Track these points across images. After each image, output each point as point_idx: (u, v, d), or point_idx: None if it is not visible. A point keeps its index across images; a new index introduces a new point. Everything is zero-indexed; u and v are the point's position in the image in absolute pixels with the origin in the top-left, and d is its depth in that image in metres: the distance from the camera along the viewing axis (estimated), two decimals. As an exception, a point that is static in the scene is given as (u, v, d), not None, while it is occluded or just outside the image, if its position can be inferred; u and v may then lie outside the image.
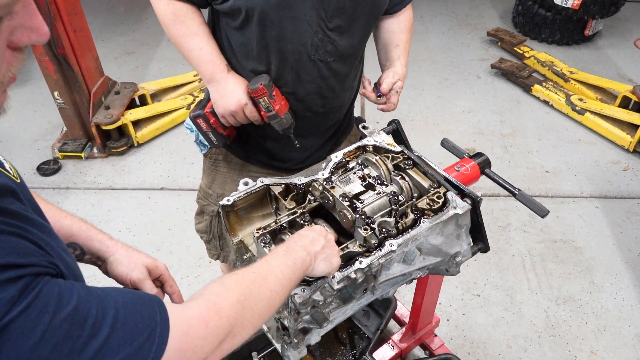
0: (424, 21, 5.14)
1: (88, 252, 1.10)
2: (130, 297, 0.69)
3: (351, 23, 1.50)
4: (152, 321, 0.69)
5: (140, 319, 0.67)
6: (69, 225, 1.08)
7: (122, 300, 0.67)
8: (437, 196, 1.28)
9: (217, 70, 1.48)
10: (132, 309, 0.67)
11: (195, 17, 1.48)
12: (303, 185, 1.29)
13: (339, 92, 1.63)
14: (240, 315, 0.83)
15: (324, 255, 1.05)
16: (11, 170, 0.78)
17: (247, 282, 0.87)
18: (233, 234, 1.31)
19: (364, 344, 2.11)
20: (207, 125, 1.56)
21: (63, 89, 3.24)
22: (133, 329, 0.66)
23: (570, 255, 2.79)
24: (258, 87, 1.44)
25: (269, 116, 1.48)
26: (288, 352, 1.27)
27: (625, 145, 3.49)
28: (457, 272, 1.37)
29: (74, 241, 1.08)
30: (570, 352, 2.35)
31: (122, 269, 1.11)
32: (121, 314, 0.65)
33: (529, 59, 4.29)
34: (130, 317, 0.66)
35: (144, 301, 0.70)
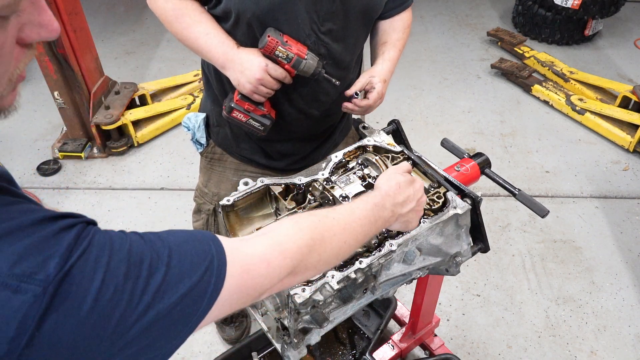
0: (424, 21, 5.14)
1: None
2: (182, 236, 0.69)
3: (344, 27, 1.48)
4: (207, 255, 0.69)
5: (195, 254, 0.68)
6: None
7: (174, 239, 0.68)
8: (437, 196, 1.28)
9: (228, 49, 1.43)
10: (185, 247, 0.67)
11: (196, 7, 1.46)
12: (303, 185, 1.29)
13: (334, 95, 1.60)
14: (306, 257, 0.82)
15: (406, 218, 1.07)
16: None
17: (322, 228, 0.86)
18: (233, 234, 1.31)
19: (364, 344, 2.11)
20: (245, 113, 1.49)
21: (63, 89, 3.24)
22: (189, 264, 0.66)
23: (570, 255, 2.79)
24: (267, 42, 1.37)
25: (294, 64, 1.40)
26: (288, 352, 1.27)
27: (625, 145, 3.49)
28: (457, 272, 1.37)
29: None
30: (570, 352, 2.35)
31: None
32: (175, 252, 0.66)
33: (529, 59, 4.29)
34: (184, 254, 0.67)
35: (197, 238, 0.71)
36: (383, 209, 1.00)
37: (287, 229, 0.83)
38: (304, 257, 0.82)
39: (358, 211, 0.95)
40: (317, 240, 0.84)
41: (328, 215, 0.89)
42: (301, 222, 0.85)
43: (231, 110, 1.49)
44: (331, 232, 0.87)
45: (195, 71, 4.07)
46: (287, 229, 0.83)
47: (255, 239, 0.80)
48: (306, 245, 0.82)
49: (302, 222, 0.85)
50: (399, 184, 1.06)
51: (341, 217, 0.91)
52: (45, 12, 0.62)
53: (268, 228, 0.83)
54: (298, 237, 0.82)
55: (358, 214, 0.94)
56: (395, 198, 1.04)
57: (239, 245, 0.75)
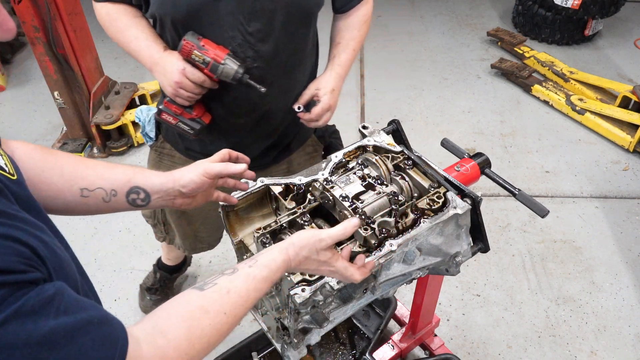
0: (424, 21, 5.14)
1: (152, 192, 1.08)
2: (97, 338, 0.66)
3: (271, 26, 1.43)
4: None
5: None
6: (122, 173, 1.07)
7: (88, 341, 0.65)
8: (437, 196, 1.28)
9: (154, 52, 1.43)
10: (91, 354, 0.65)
11: (128, 12, 1.47)
12: (303, 185, 1.29)
13: (271, 97, 1.54)
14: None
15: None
16: (7, 166, 0.77)
17: (212, 332, 0.82)
18: (233, 234, 1.31)
19: (364, 344, 2.11)
20: (173, 116, 1.50)
21: (63, 89, 3.24)
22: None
23: (570, 255, 2.79)
24: (182, 45, 1.36)
25: (211, 69, 1.38)
26: (288, 352, 1.27)
27: (625, 145, 3.49)
28: (457, 272, 1.37)
29: (134, 185, 1.06)
30: (570, 352, 2.35)
31: (190, 176, 1.10)
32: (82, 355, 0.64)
33: (529, 59, 4.29)
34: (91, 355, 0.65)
35: (108, 344, 0.68)
36: (278, 277, 0.95)
37: (180, 340, 0.78)
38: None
39: (253, 295, 0.89)
40: (204, 349, 0.81)
41: (220, 312, 0.84)
42: (194, 331, 0.80)
43: (160, 112, 1.51)
44: (219, 333, 0.84)
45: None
46: (180, 340, 0.78)
47: (148, 345, 0.75)
48: (192, 357, 0.79)
49: (195, 331, 0.80)
50: (308, 258, 0.99)
51: (233, 309, 0.86)
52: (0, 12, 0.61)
53: (160, 325, 0.79)
54: (187, 352, 0.79)
55: (253, 297, 0.89)
56: (294, 268, 0.99)
57: (136, 355, 0.72)
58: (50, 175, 1.00)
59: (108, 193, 1.04)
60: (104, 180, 1.04)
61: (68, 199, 1.02)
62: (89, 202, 1.03)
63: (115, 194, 1.05)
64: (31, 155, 1.00)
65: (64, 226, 3.02)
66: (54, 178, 1.00)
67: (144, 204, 1.09)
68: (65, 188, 1.01)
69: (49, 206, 1.02)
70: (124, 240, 2.89)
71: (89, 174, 1.03)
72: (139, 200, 1.07)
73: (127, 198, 1.06)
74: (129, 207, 1.08)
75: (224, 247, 2.81)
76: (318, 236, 1.00)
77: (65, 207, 1.03)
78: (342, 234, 1.02)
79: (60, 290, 0.65)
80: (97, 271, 2.72)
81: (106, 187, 1.04)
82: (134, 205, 1.08)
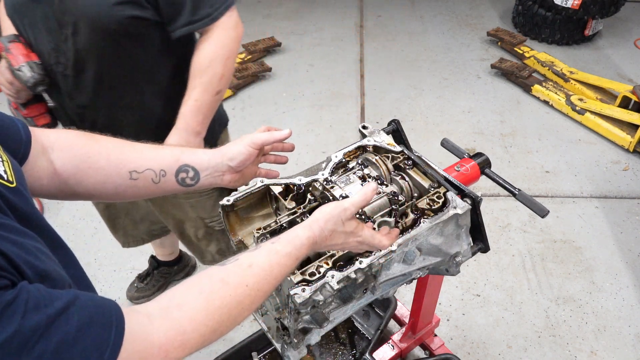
0: (424, 21, 5.14)
1: (201, 169, 1.07)
2: (85, 317, 0.64)
3: (77, 37, 1.37)
4: (104, 343, 0.65)
5: (91, 343, 0.64)
6: (170, 152, 1.07)
7: (74, 324, 0.63)
8: (437, 196, 1.28)
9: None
10: (81, 336, 0.63)
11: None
12: (303, 185, 1.29)
13: (103, 111, 1.51)
14: (207, 342, 0.78)
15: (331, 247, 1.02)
16: (6, 173, 0.75)
17: (232, 304, 0.80)
18: (233, 234, 1.31)
19: (364, 344, 2.11)
20: (13, 110, 1.53)
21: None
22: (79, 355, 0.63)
23: (570, 255, 2.79)
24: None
25: (13, 72, 1.40)
26: (288, 352, 1.27)
27: (625, 145, 3.49)
28: (457, 272, 1.37)
29: (183, 164, 1.06)
30: (570, 352, 2.35)
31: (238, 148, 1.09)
32: (66, 344, 0.61)
33: (529, 59, 4.29)
34: (79, 343, 0.63)
35: (99, 321, 0.66)
36: (303, 255, 0.92)
37: (197, 312, 0.76)
38: (205, 343, 0.78)
39: (277, 269, 0.87)
40: (224, 322, 0.79)
41: (242, 283, 0.82)
42: (213, 302, 0.78)
43: (9, 102, 1.53)
44: (241, 306, 0.81)
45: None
46: (197, 312, 0.76)
47: (161, 319, 0.74)
48: (211, 331, 0.77)
49: (214, 302, 0.78)
50: (332, 233, 0.97)
51: (256, 281, 0.83)
52: None
53: (177, 298, 0.77)
54: (204, 324, 0.76)
55: (276, 272, 0.86)
56: (320, 245, 0.96)
57: (142, 330, 0.70)
58: (96, 160, 0.99)
59: (157, 174, 1.03)
60: (152, 160, 1.03)
61: (117, 182, 1.01)
62: (138, 184, 1.03)
63: (165, 174, 1.04)
64: (74, 143, 0.99)
65: (64, 226, 3.02)
66: (101, 162, 1.00)
67: (194, 183, 1.07)
68: (113, 172, 1.00)
69: (99, 192, 1.01)
70: (124, 240, 2.89)
71: (136, 156, 1.03)
72: (188, 178, 1.06)
73: (176, 177, 1.05)
74: (179, 188, 1.07)
75: (224, 247, 2.82)
76: (341, 206, 0.98)
77: (115, 191, 1.02)
78: (363, 200, 1.00)
79: (26, 288, 0.61)
80: (97, 271, 2.72)
81: (155, 168, 1.03)
82: (183, 185, 1.07)
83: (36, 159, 0.94)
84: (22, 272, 0.64)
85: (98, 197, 1.03)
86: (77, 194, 1.01)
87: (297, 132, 3.69)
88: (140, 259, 2.78)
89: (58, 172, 0.98)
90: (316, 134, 3.68)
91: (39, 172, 0.95)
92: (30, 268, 0.65)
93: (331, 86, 4.18)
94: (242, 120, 3.79)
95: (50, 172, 0.97)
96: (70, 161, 0.98)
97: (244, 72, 4.08)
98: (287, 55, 4.58)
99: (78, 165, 0.98)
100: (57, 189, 0.99)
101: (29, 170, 0.92)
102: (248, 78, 4.12)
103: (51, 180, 0.97)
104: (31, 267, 0.65)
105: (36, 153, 0.94)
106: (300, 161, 3.42)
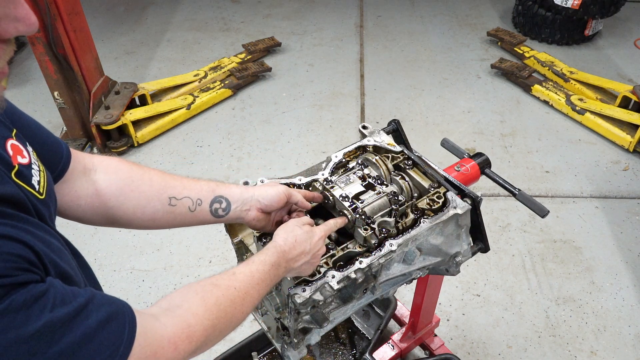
0: (424, 21, 5.14)
1: (233, 200, 1.13)
2: (101, 317, 0.69)
3: None
4: (118, 339, 0.69)
5: (105, 340, 0.68)
6: (207, 184, 1.13)
7: (90, 323, 0.67)
8: (437, 196, 1.28)
9: None
10: (97, 334, 0.67)
11: None
12: (303, 185, 1.29)
13: None
14: (210, 337, 0.84)
15: (298, 270, 1.08)
16: (39, 184, 0.79)
17: (226, 303, 0.88)
18: (233, 234, 1.31)
19: (364, 344, 2.11)
20: None
21: (63, 89, 3.24)
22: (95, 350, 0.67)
23: (570, 255, 2.79)
24: None
25: None
26: (288, 352, 1.27)
27: (625, 145, 3.49)
28: (457, 272, 1.37)
29: (218, 195, 1.12)
30: (570, 352, 2.35)
31: (271, 192, 1.15)
32: (84, 343, 0.65)
33: (529, 59, 4.29)
34: (95, 341, 0.67)
35: (114, 319, 0.70)
36: (278, 268, 1.01)
37: (197, 307, 0.83)
38: (208, 338, 0.84)
39: (257, 275, 0.96)
40: (221, 319, 0.86)
41: (230, 286, 0.90)
42: (208, 299, 0.86)
43: None
44: (234, 305, 0.89)
45: (195, 71, 4.08)
46: (197, 307, 0.83)
47: (166, 317, 0.80)
48: (212, 325, 0.84)
49: (209, 299, 0.86)
50: (296, 238, 1.06)
51: (242, 285, 0.92)
52: (22, 5, 0.62)
53: (176, 300, 0.84)
54: (205, 317, 0.83)
55: (257, 278, 0.96)
56: (289, 254, 1.04)
57: (151, 326, 0.76)
58: (139, 184, 1.06)
59: (194, 202, 1.10)
60: (190, 190, 1.10)
61: (157, 207, 1.07)
62: (175, 211, 1.09)
63: (201, 202, 1.11)
64: (119, 167, 1.06)
65: (65, 226, 3.02)
66: (144, 187, 1.06)
67: (224, 214, 1.14)
68: (154, 196, 1.07)
69: (138, 217, 1.07)
70: (124, 240, 2.89)
71: (177, 184, 1.10)
72: (221, 209, 1.13)
73: (210, 207, 1.12)
74: (210, 218, 1.14)
75: (224, 247, 2.82)
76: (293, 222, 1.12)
77: (153, 216, 1.08)
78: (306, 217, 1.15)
79: (53, 283, 0.65)
80: (97, 271, 2.71)
81: (192, 196, 1.10)
82: (215, 216, 1.14)
83: (76, 178, 1.00)
84: (47, 270, 0.68)
85: (135, 222, 1.09)
86: (114, 218, 1.06)
87: (297, 132, 3.69)
88: (140, 259, 2.78)
89: (100, 192, 1.03)
90: (316, 134, 3.68)
91: (78, 192, 1.01)
92: (54, 267, 0.69)
93: (331, 86, 4.18)
94: (242, 120, 3.79)
95: (90, 192, 1.02)
96: (114, 183, 1.04)
97: (244, 72, 4.09)
98: (287, 55, 4.58)
99: (122, 187, 1.04)
100: (94, 212, 1.04)
101: (66, 189, 0.98)
102: (248, 78, 4.12)
103: (90, 201, 1.03)
104: (55, 265, 0.70)
105: (77, 173, 1.00)
106: (300, 161, 3.42)
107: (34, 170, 0.80)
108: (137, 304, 2.54)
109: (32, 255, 0.65)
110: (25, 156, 0.80)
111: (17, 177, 0.75)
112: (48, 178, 0.84)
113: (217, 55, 4.51)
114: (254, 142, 3.59)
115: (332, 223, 1.17)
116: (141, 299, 2.58)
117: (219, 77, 4.10)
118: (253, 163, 3.41)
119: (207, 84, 4.00)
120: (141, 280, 2.67)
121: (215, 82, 4.04)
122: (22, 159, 0.79)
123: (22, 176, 0.76)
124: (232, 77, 4.10)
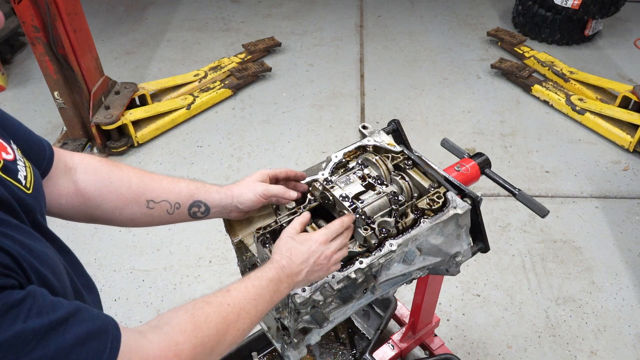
0: (424, 21, 5.14)
1: (212, 206, 1.14)
2: (83, 332, 0.67)
3: None
4: (97, 357, 0.67)
5: (87, 353, 0.66)
6: (186, 187, 1.13)
7: (70, 338, 0.65)
8: (437, 196, 1.28)
9: None
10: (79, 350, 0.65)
11: None
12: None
13: None
14: (201, 355, 0.82)
15: (308, 280, 1.07)
16: (26, 178, 0.79)
17: (218, 320, 0.86)
18: (233, 234, 1.31)
19: (364, 344, 2.11)
20: None
21: (63, 89, 3.24)
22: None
23: (570, 255, 2.79)
24: None
25: None
26: (288, 352, 1.27)
27: (625, 145, 3.49)
28: (457, 272, 1.37)
29: (197, 200, 1.13)
30: (570, 352, 2.35)
31: (249, 195, 1.16)
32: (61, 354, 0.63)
33: (529, 59, 4.29)
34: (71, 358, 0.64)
35: (96, 335, 0.68)
36: (279, 283, 0.99)
37: (185, 324, 0.81)
38: (198, 356, 0.81)
39: (253, 290, 0.94)
40: (212, 336, 0.83)
41: (223, 303, 0.88)
42: (198, 317, 0.83)
43: None
44: (226, 322, 0.87)
45: (195, 71, 4.08)
46: (185, 324, 0.81)
47: (153, 334, 0.78)
48: (201, 344, 0.81)
49: (199, 316, 0.84)
50: (291, 251, 1.04)
51: (236, 302, 0.90)
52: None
53: (165, 318, 0.82)
54: (194, 335, 0.81)
55: (253, 293, 0.93)
56: (289, 268, 1.02)
57: (137, 344, 0.73)
58: (118, 186, 1.06)
59: (172, 205, 1.11)
60: (169, 193, 1.11)
61: (134, 209, 1.08)
62: (153, 213, 1.10)
63: (179, 206, 1.12)
64: (98, 168, 1.06)
65: (65, 226, 3.02)
66: (122, 189, 1.06)
67: (203, 216, 1.15)
68: (132, 199, 1.07)
69: (116, 217, 1.08)
70: (124, 240, 2.89)
71: (155, 187, 1.10)
72: (199, 212, 1.14)
73: (189, 211, 1.13)
74: (189, 219, 1.15)
75: (224, 247, 2.82)
76: (285, 231, 1.10)
77: (131, 217, 1.09)
78: (297, 223, 1.11)
79: (32, 293, 0.63)
80: (97, 271, 2.72)
81: (171, 200, 1.11)
82: (194, 218, 1.15)
83: (58, 177, 1.00)
84: (27, 275, 0.66)
85: (114, 221, 1.09)
86: (94, 216, 1.07)
87: (297, 132, 3.69)
88: (140, 259, 2.78)
89: (80, 192, 1.03)
90: (316, 134, 3.68)
91: (60, 191, 1.01)
92: (34, 272, 0.68)
93: (331, 86, 4.18)
94: (242, 120, 3.79)
95: (71, 191, 1.02)
96: (93, 184, 1.04)
97: (244, 72, 4.09)
98: (287, 55, 4.58)
99: (100, 189, 1.04)
100: (75, 209, 1.04)
101: (49, 187, 0.98)
102: (248, 78, 4.12)
103: (71, 199, 1.02)
104: (35, 271, 0.68)
105: (58, 172, 1.00)
106: (300, 161, 3.42)
107: (19, 166, 0.80)
108: (137, 304, 2.55)
109: (8, 260, 0.63)
110: (10, 152, 0.80)
111: (3, 172, 0.75)
112: (35, 173, 0.84)
113: (217, 55, 4.51)
114: (254, 142, 3.59)
115: (338, 224, 1.12)
116: (141, 299, 2.58)
117: (219, 77, 4.10)
118: (253, 163, 3.41)
119: (207, 84, 4.00)
120: (141, 280, 2.67)
121: (215, 82, 4.04)
122: (6, 155, 0.79)
123: (9, 171, 0.76)
124: (232, 77, 4.10)
